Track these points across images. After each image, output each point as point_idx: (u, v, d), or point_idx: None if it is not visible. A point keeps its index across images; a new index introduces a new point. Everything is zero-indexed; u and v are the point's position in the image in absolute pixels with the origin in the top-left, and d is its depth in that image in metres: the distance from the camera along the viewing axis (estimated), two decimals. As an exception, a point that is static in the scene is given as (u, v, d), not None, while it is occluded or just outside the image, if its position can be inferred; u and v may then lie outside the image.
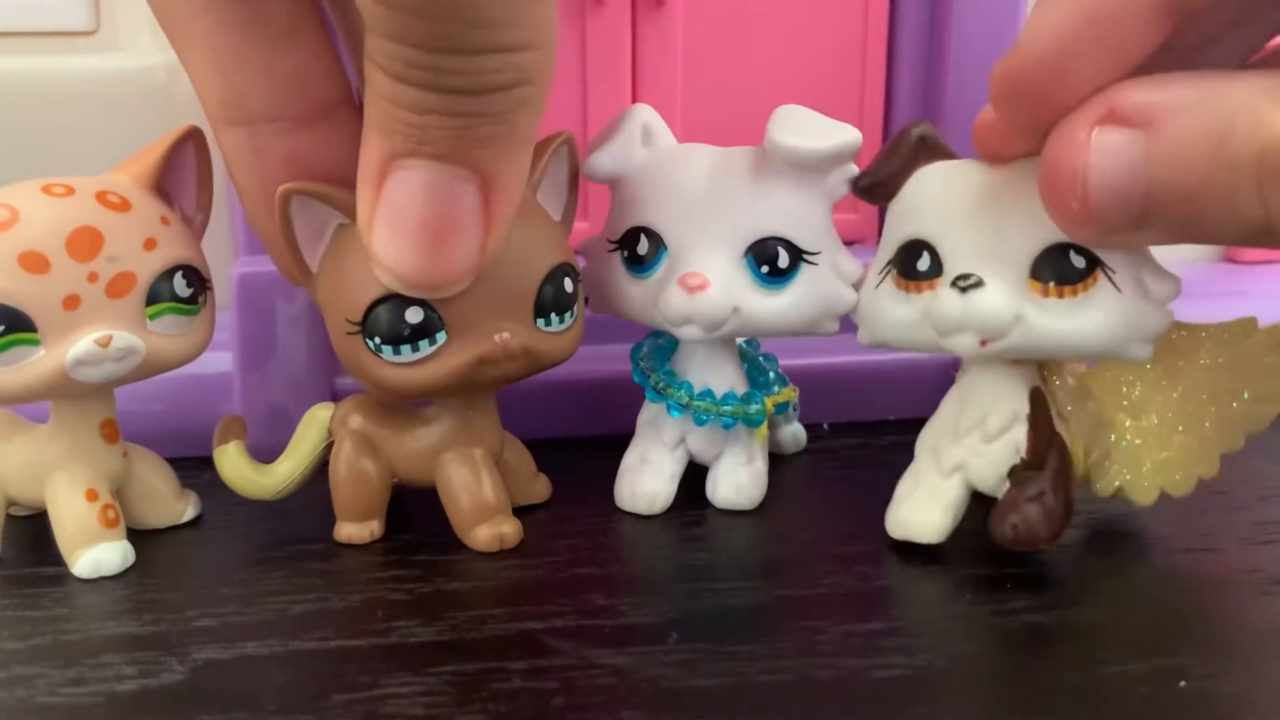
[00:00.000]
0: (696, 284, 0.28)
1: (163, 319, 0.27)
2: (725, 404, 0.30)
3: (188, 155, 0.29)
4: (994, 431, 0.28)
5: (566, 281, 0.28)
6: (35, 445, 0.29)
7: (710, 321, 0.28)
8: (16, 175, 0.27)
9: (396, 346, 0.26)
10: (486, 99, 0.21)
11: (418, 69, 0.21)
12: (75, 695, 0.23)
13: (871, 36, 0.39)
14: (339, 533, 0.30)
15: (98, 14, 0.37)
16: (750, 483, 0.31)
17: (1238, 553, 0.29)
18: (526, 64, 0.21)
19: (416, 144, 0.22)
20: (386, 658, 0.24)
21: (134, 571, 0.28)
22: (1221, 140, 0.20)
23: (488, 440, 0.30)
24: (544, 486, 0.32)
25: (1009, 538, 0.26)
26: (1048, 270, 0.25)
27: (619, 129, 0.30)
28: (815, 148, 0.28)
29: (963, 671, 0.23)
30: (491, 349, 0.26)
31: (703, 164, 0.29)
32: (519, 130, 0.23)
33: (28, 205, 0.26)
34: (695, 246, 0.29)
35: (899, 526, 0.29)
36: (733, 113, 0.39)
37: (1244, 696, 0.22)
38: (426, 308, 0.26)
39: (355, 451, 0.29)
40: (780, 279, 0.29)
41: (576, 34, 0.37)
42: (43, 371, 0.26)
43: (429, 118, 0.21)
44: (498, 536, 0.29)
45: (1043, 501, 0.26)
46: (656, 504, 0.31)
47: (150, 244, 0.27)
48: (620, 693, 0.23)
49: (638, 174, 0.30)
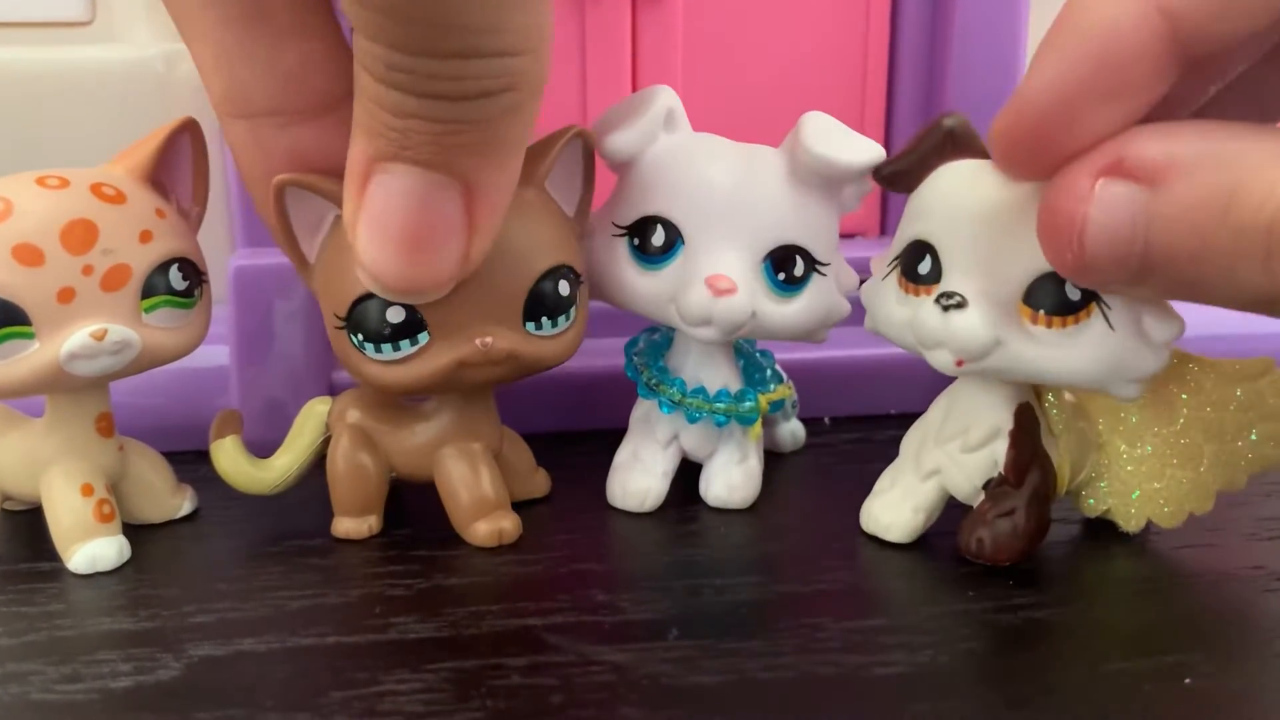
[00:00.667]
0: (725, 287, 0.27)
1: (158, 312, 0.27)
2: (718, 401, 0.30)
3: (184, 147, 0.28)
4: (974, 443, 0.27)
5: (562, 285, 0.27)
6: (30, 439, 0.28)
7: (731, 326, 0.28)
8: (12, 166, 0.26)
9: (378, 344, 0.26)
10: (468, 105, 0.21)
11: (397, 71, 0.20)
12: (70, 692, 0.23)
13: (873, 29, 0.39)
14: (336, 528, 0.30)
15: (94, 4, 0.37)
16: (744, 481, 0.31)
17: (1242, 549, 0.28)
18: (512, 70, 0.21)
19: (399, 148, 0.22)
20: (385, 654, 0.24)
21: (130, 567, 0.28)
22: (1229, 204, 0.20)
23: (486, 435, 0.29)
24: (544, 481, 0.32)
25: (972, 550, 0.27)
26: (1041, 297, 0.24)
27: (642, 110, 0.29)
28: (852, 162, 0.27)
29: (964, 668, 0.23)
30: (472, 353, 0.26)
31: (727, 161, 0.28)
32: (505, 137, 0.22)
33: (22, 197, 0.25)
34: (715, 245, 0.28)
35: (871, 522, 0.29)
36: (732, 106, 0.38)
37: (1248, 694, 0.22)
38: (409, 308, 0.26)
39: (353, 446, 0.29)
40: (794, 287, 0.28)
41: (576, 27, 0.37)
42: (37, 365, 0.26)
43: (410, 122, 0.21)
44: (496, 532, 0.29)
45: (1014, 519, 0.27)
46: (647, 501, 0.31)
47: (146, 236, 0.27)
48: (620, 689, 0.22)
49: (657, 159, 0.29)
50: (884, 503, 0.29)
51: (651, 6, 0.37)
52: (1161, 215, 0.20)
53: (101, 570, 0.28)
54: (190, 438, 0.33)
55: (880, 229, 0.41)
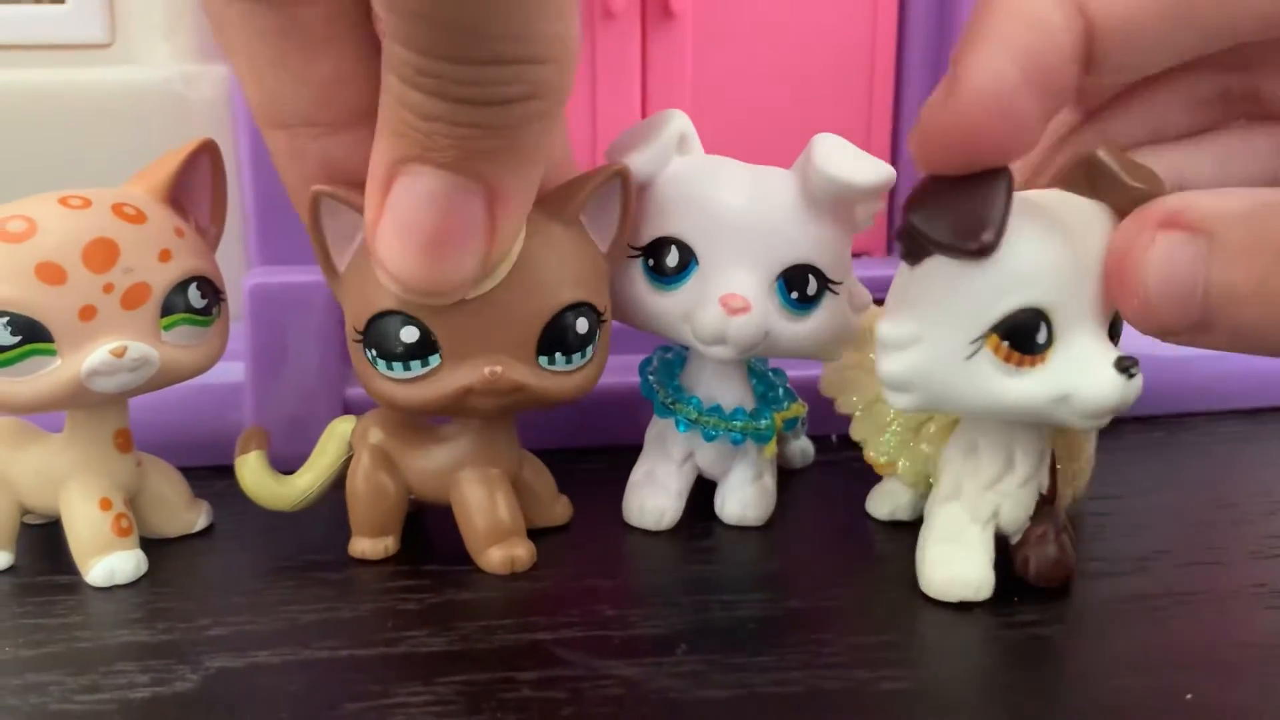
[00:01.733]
0: (739, 306, 0.28)
1: (177, 329, 0.27)
2: (734, 419, 0.30)
3: (202, 167, 0.29)
4: (1026, 476, 0.27)
5: (581, 322, 0.27)
6: (49, 454, 0.29)
7: (744, 344, 0.28)
8: (34, 187, 0.27)
9: (390, 362, 0.26)
10: (493, 111, 0.21)
11: (425, 76, 0.21)
12: (89, 702, 0.23)
13: (880, 47, 0.39)
14: (354, 548, 0.30)
15: (113, 26, 0.37)
16: (759, 499, 0.31)
17: (1245, 566, 0.29)
18: (537, 78, 0.21)
19: (424, 150, 0.22)
20: (397, 667, 0.24)
21: (147, 580, 0.28)
22: None
23: (505, 461, 0.29)
24: (564, 509, 0.32)
25: (1053, 575, 0.27)
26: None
27: (655, 134, 0.29)
28: (863, 182, 0.27)
29: (969, 685, 0.23)
30: (479, 380, 0.26)
31: (740, 182, 0.29)
32: (528, 143, 0.23)
33: (45, 217, 0.26)
34: (729, 265, 0.28)
35: (952, 587, 0.27)
36: (742, 124, 0.39)
37: (1250, 711, 0.23)
38: (423, 329, 0.26)
39: (374, 466, 0.29)
40: (807, 305, 0.29)
41: (587, 46, 0.37)
42: (58, 382, 0.26)
43: (436, 125, 0.22)
44: (510, 559, 0.29)
45: (1068, 533, 0.28)
46: (664, 520, 0.31)
47: (165, 255, 0.27)
48: (629, 704, 0.23)
49: (670, 182, 0.29)
50: (964, 563, 0.27)
51: (662, 25, 0.38)
52: (1220, 260, 0.21)
53: (119, 583, 0.28)
54: (206, 453, 0.33)
55: (887, 249, 0.42)
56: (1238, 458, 0.37)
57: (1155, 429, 0.39)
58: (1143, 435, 0.39)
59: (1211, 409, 0.41)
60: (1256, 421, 0.40)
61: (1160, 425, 0.39)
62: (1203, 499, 0.33)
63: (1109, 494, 0.33)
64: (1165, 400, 0.40)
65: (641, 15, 0.37)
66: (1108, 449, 0.37)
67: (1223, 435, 0.39)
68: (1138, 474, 0.35)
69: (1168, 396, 0.40)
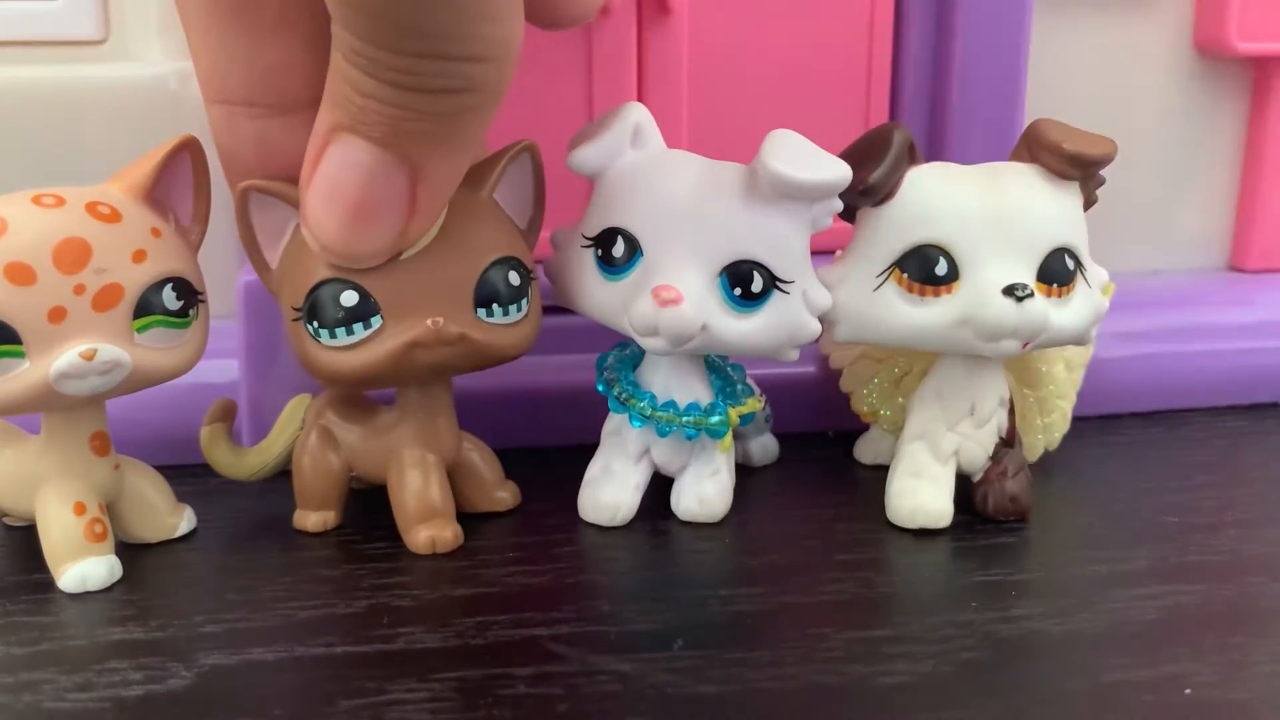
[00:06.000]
0: (670, 297, 0.28)
1: (151, 332, 0.27)
2: (688, 415, 0.30)
3: (184, 165, 0.28)
4: (986, 416, 0.30)
5: (512, 275, 0.28)
6: (26, 457, 0.28)
7: (677, 336, 0.28)
8: (26, 184, 0.27)
9: (333, 330, 0.27)
10: (426, 97, 0.22)
11: (360, 56, 0.22)
12: (82, 700, 0.23)
13: (876, 45, 0.39)
14: (298, 521, 0.31)
15: (107, 23, 0.37)
16: (715, 495, 0.31)
17: (1245, 560, 0.29)
18: (474, 74, 0.22)
19: (356, 122, 0.23)
20: (392, 664, 0.24)
21: (140, 578, 0.28)
22: None
23: (443, 444, 0.30)
24: (511, 495, 0.32)
25: (1009, 509, 0.30)
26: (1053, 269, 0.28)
27: (610, 125, 0.30)
28: (808, 180, 0.27)
29: (967, 679, 0.23)
30: (424, 333, 0.27)
31: (690, 174, 0.29)
32: (457, 132, 0.24)
33: (17, 216, 0.25)
34: (671, 257, 0.28)
35: (920, 515, 0.30)
36: (738, 121, 0.39)
37: (1249, 705, 0.23)
38: (361, 291, 0.26)
39: (320, 444, 0.31)
40: (751, 303, 0.28)
41: (582, 43, 0.37)
42: (27, 384, 0.25)
43: (369, 101, 0.23)
44: (433, 540, 0.29)
45: (1025, 473, 0.31)
46: (619, 515, 0.31)
47: (140, 256, 0.26)
48: (625, 699, 0.23)
49: (622, 174, 0.29)
50: (923, 495, 0.30)
51: (657, 22, 0.37)
52: None
53: (92, 589, 0.27)
54: (199, 452, 0.33)
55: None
56: (1237, 453, 0.37)
57: (1153, 425, 0.39)
58: (1140, 431, 0.39)
59: (1212, 404, 0.41)
60: (1256, 417, 0.40)
61: (1158, 421, 0.39)
62: (1201, 495, 0.33)
63: (1106, 488, 0.34)
64: (1165, 397, 0.40)
65: (637, 11, 0.37)
66: (1105, 443, 0.37)
67: (1222, 430, 0.39)
68: (1135, 468, 0.35)
69: (1167, 392, 0.40)
